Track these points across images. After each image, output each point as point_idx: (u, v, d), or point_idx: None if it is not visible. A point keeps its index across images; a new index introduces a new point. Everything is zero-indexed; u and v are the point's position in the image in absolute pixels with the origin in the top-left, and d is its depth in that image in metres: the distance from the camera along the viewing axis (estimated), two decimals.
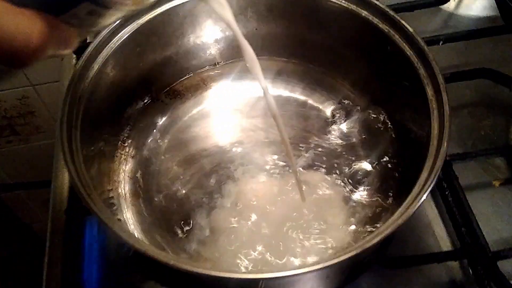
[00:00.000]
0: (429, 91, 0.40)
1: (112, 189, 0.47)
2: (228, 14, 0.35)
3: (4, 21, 0.24)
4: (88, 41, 0.46)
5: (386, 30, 0.44)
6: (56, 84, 1.10)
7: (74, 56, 0.62)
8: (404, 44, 0.43)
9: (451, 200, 0.50)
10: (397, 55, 0.44)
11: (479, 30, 0.61)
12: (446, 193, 0.51)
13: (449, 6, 0.68)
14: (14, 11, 0.24)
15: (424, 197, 0.34)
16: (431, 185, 0.34)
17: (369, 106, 0.53)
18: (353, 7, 0.46)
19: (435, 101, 0.39)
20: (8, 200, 1.35)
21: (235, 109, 0.53)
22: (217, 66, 0.56)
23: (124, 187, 0.48)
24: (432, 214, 0.52)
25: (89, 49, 0.43)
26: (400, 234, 0.47)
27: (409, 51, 0.42)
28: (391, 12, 0.44)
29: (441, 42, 0.60)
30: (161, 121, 0.53)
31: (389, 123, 0.51)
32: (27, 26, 0.25)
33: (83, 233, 0.50)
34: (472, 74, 0.57)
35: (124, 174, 0.48)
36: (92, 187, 0.36)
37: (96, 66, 0.42)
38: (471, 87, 0.61)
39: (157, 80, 0.53)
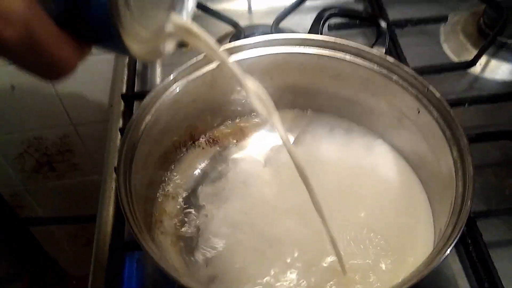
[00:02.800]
0: (454, 152, 0.43)
1: (154, 228, 0.51)
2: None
3: (49, 43, 0.27)
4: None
5: (415, 94, 0.48)
6: (94, 124, 1.16)
7: (123, 103, 0.68)
8: (432, 107, 0.46)
9: (475, 255, 0.52)
10: (424, 116, 0.47)
11: (502, 94, 0.65)
12: (470, 248, 0.53)
13: (476, 69, 0.72)
14: (59, 34, 0.27)
15: (448, 251, 0.37)
16: (455, 240, 0.36)
17: None
18: (384, 71, 0.50)
19: (460, 162, 0.42)
20: (37, 234, 1.39)
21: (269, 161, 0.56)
22: (254, 115, 0.60)
23: (165, 227, 0.52)
24: (456, 268, 0.54)
25: (146, 100, 0.47)
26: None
27: (436, 114, 0.46)
28: (420, 78, 0.48)
29: (466, 104, 0.63)
30: (201, 166, 0.57)
31: None
32: (68, 50, 0.28)
33: (123, 266, 0.54)
34: (496, 136, 0.60)
35: (166, 215, 0.52)
36: (143, 227, 0.39)
37: (149, 116, 0.47)
38: (496, 147, 0.63)
39: (200, 128, 0.58)
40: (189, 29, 0.32)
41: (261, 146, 0.57)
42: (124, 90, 0.68)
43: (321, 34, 0.59)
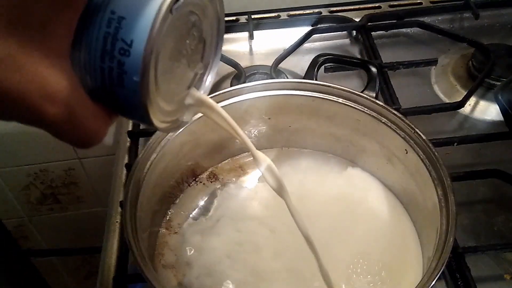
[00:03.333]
0: (439, 191, 0.46)
1: (156, 261, 0.53)
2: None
3: (85, 117, 0.29)
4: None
5: (402, 135, 0.51)
6: (99, 158, 1.19)
7: (129, 139, 0.71)
8: (418, 148, 0.50)
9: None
10: (412, 157, 0.51)
11: (490, 134, 0.68)
12: (459, 283, 0.55)
13: (465, 110, 0.75)
14: (94, 108, 0.30)
15: (433, 283, 0.39)
16: (439, 273, 0.39)
17: None
18: (374, 114, 0.53)
19: (444, 200, 0.45)
20: (40, 266, 1.40)
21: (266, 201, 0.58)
22: None
23: (166, 260, 0.54)
24: None
25: (152, 139, 0.51)
26: None
27: (422, 154, 0.49)
28: (407, 120, 0.51)
29: (455, 144, 0.66)
30: (202, 202, 0.60)
31: None
32: (100, 122, 0.30)
33: None
34: (484, 174, 0.63)
35: (168, 248, 0.55)
36: (147, 260, 0.42)
37: (154, 154, 0.50)
38: (485, 185, 0.66)
39: (202, 165, 0.61)
40: (206, 101, 0.37)
41: (258, 184, 0.60)
42: (130, 127, 0.72)
43: (316, 77, 0.63)
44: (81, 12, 0.28)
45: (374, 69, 0.61)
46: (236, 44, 0.87)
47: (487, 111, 0.76)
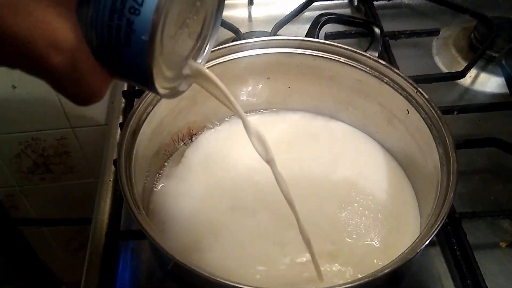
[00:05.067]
0: (440, 150, 0.45)
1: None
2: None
3: (87, 73, 0.29)
4: None
5: (404, 95, 0.50)
6: (92, 128, 1.17)
7: (124, 100, 0.70)
8: (420, 108, 0.49)
9: (459, 255, 0.54)
10: (413, 117, 0.50)
11: (490, 104, 0.67)
12: (455, 247, 0.55)
13: (466, 81, 0.75)
14: (96, 65, 0.30)
15: (430, 238, 0.39)
16: (438, 228, 0.38)
17: None
18: (376, 73, 0.52)
19: (445, 158, 0.44)
20: (31, 238, 1.39)
21: None
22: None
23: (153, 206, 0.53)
24: (442, 269, 0.56)
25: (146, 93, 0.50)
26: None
27: (423, 114, 0.48)
28: (410, 80, 0.50)
29: (455, 112, 0.66)
30: (196, 157, 0.59)
31: None
32: (101, 81, 0.30)
33: (119, 256, 0.55)
34: (482, 143, 0.63)
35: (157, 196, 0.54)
36: (141, 208, 0.41)
37: (151, 107, 0.49)
38: (483, 155, 0.66)
39: (199, 124, 0.60)
40: (203, 72, 0.38)
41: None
42: (125, 87, 0.70)
43: (318, 37, 0.61)
44: None
45: (377, 30, 0.60)
46: (235, 10, 0.86)
47: (488, 83, 0.75)
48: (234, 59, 0.54)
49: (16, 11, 0.25)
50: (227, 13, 0.83)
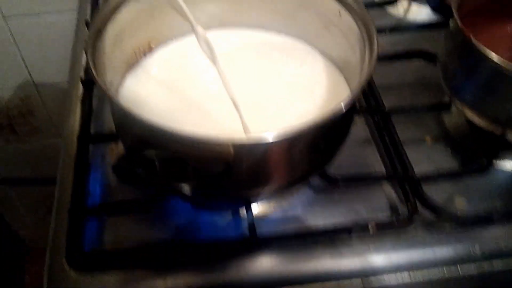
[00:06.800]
0: (364, 36, 0.53)
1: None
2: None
3: None
4: None
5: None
6: (55, 85, 1.20)
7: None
8: (350, 8, 0.56)
9: (389, 142, 0.63)
10: (345, 18, 0.58)
11: (420, 25, 0.77)
12: (386, 140, 0.63)
13: (398, 11, 0.83)
14: None
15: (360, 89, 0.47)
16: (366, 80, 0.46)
17: None
18: None
19: (368, 41, 0.52)
20: None
21: None
22: None
23: None
24: (375, 159, 0.64)
25: None
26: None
27: (353, 14, 0.56)
28: None
29: (387, 31, 0.74)
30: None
31: None
32: None
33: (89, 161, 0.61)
34: (409, 55, 0.72)
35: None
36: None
37: (113, 14, 0.55)
38: (412, 70, 0.75)
39: (157, 38, 0.65)
40: None
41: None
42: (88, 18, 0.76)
43: None
44: None
45: None
46: None
47: (421, 12, 0.84)
48: None
49: None
50: None
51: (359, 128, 0.66)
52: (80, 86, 0.67)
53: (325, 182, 0.57)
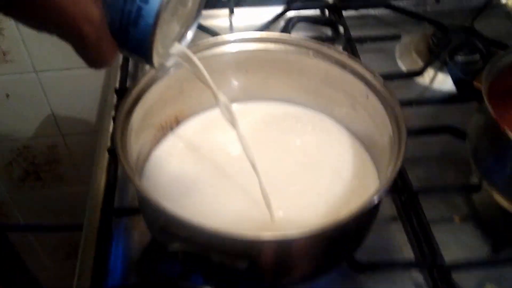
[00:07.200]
0: (392, 123, 0.53)
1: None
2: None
3: (104, 42, 0.38)
4: None
5: (364, 81, 0.58)
6: (82, 136, 1.22)
7: (116, 96, 0.77)
8: (377, 91, 0.56)
9: (417, 226, 0.61)
10: (372, 100, 0.58)
11: (447, 97, 0.76)
12: (413, 221, 0.62)
13: (424, 81, 0.83)
14: (110, 37, 0.39)
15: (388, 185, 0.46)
16: (393, 178, 0.46)
17: None
18: (340, 64, 0.60)
19: (396, 128, 0.51)
20: (18, 246, 1.40)
21: None
22: None
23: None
24: (402, 240, 0.62)
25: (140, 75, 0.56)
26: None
27: (381, 96, 0.56)
28: (369, 67, 0.58)
29: (413, 104, 0.74)
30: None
31: None
32: (111, 50, 0.39)
33: (112, 234, 0.61)
34: (437, 130, 0.71)
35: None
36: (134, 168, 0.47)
37: (143, 92, 0.56)
38: (439, 144, 0.74)
39: (185, 112, 0.66)
40: (184, 51, 0.48)
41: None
42: (117, 85, 0.77)
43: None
44: None
45: (341, 27, 0.67)
46: (217, 20, 0.93)
47: (444, 82, 0.83)
48: (215, 55, 0.62)
49: None
50: (209, 22, 0.90)
51: (385, 206, 0.65)
52: (106, 154, 0.68)
53: (351, 268, 0.56)
